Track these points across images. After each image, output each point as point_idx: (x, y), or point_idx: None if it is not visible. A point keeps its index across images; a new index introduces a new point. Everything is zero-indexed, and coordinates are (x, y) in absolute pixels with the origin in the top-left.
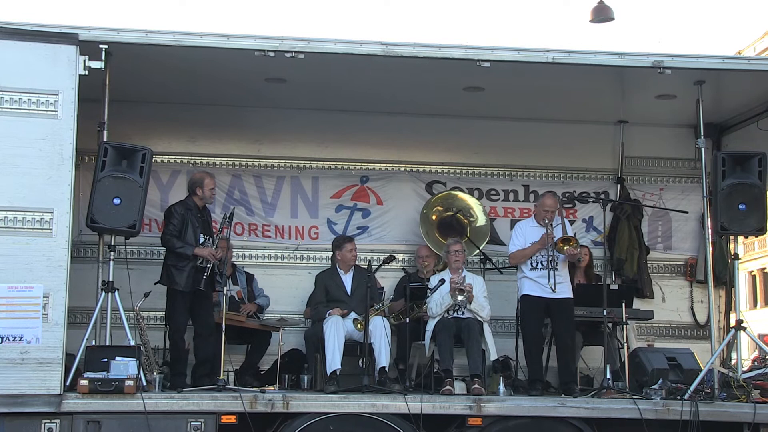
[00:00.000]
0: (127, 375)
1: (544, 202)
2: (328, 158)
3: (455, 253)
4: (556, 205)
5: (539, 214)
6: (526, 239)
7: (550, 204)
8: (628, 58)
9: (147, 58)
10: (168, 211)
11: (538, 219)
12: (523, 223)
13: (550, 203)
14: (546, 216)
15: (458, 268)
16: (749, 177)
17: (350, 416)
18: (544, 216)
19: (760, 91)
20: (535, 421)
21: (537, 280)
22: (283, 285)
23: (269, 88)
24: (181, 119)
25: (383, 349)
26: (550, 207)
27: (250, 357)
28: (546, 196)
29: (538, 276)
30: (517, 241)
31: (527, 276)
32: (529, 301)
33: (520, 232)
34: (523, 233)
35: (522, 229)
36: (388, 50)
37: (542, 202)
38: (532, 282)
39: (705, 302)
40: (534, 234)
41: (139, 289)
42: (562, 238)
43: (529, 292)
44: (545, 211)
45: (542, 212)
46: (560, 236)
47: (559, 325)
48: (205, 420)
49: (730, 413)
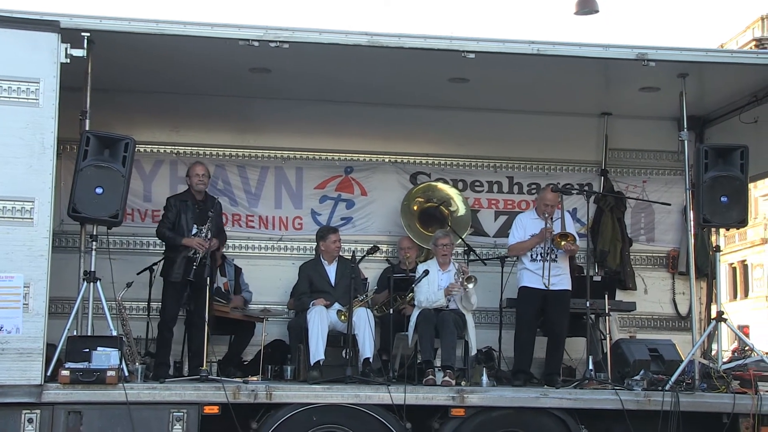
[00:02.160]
0: (109, 365)
1: (545, 196)
2: (312, 149)
3: (443, 247)
4: (556, 200)
5: (539, 208)
6: (526, 231)
7: (550, 198)
8: (613, 51)
9: (130, 46)
10: (165, 202)
11: (539, 212)
12: (523, 215)
13: (550, 197)
14: (546, 210)
15: (446, 262)
16: (731, 170)
17: (334, 407)
18: (543, 210)
19: (743, 84)
20: (518, 412)
21: (536, 272)
22: (266, 276)
23: (254, 77)
24: (165, 108)
25: (367, 340)
26: (550, 201)
27: (233, 347)
28: (546, 190)
29: (538, 268)
30: (517, 233)
31: (527, 268)
32: (527, 293)
33: (520, 224)
34: (523, 225)
35: (522, 222)
36: (373, 40)
37: (543, 196)
38: (531, 274)
39: (687, 294)
40: (533, 226)
41: (122, 279)
42: (560, 233)
43: (528, 283)
44: (545, 205)
45: (542, 206)
46: (558, 231)
47: (553, 316)
48: (187, 411)
49: (710, 404)
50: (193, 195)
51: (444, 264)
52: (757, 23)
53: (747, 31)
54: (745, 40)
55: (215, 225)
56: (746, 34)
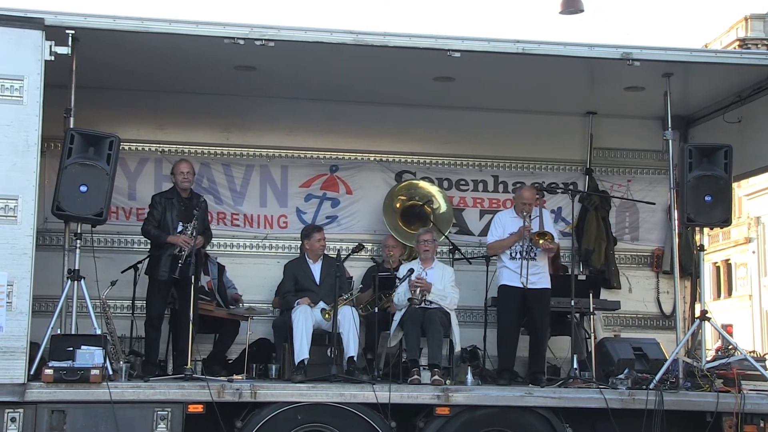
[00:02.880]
0: (93, 364)
1: (522, 194)
2: (297, 147)
3: (424, 243)
4: (534, 198)
5: (517, 206)
6: (505, 230)
7: (528, 197)
8: (598, 50)
9: (115, 44)
10: (151, 200)
11: (517, 210)
12: (502, 214)
13: (528, 195)
14: (524, 208)
15: (428, 258)
16: (715, 169)
17: (318, 406)
18: (522, 208)
19: (727, 83)
20: (503, 411)
21: (515, 270)
22: (251, 274)
23: (239, 76)
24: (150, 107)
25: (352, 339)
26: (528, 200)
27: (218, 346)
28: (524, 189)
29: (517, 266)
30: (495, 232)
31: (506, 266)
32: (507, 292)
33: (499, 222)
34: (502, 224)
35: (501, 220)
36: (359, 39)
37: (520, 194)
38: (510, 272)
39: (671, 293)
40: (512, 225)
41: (106, 277)
42: (538, 232)
43: (507, 282)
44: (523, 203)
45: (520, 204)
46: (536, 230)
47: (534, 315)
48: (171, 409)
49: (694, 402)
50: (179, 192)
51: (426, 260)
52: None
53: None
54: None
55: (201, 223)
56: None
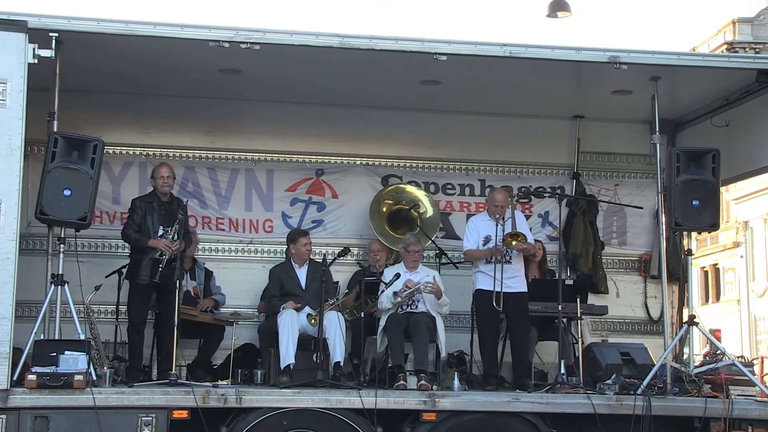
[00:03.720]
0: (77, 369)
1: (494, 197)
2: (283, 151)
3: (414, 253)
4: (506, 200)
5: (490, 209)
6: (480, 234)
7: (500, 199)
8: (585, 53)
9: (99, 47)
10: (131, 204)
11: (490, 213)
12: (476, 218)
13: (500, 198)
14: (496, 211)
15: (414, 267)
16: (703, 173)
17: (304, 411)
18: (494, 211)
19: (714, 87)
20: (490, 416)
21: (490, 274)
22: (236, 279)
23: (224, 79)
24: (134, 110)
25: (338, 344)
26: (500, 202)
27: (202, 351)
28: (496, 191)
29: (491, 270)
30: (471, 237)
31: (481, 270)
32: (483, 296)
33: (474, 227)
34: (477, 228)
35: (475, 225)
36: (345, 42)
37: (492, 197)
38: (486, 276)
39: (658, 298)
40: (486, 228)
41: (90, 282)
42: (510, 233)
43: (483, 286)
44: (495, 206)
45: (492, 207)
46: (507, 232)
47: (513, 319)
48: (156, 415)
49: (682, 407)
50: (159, 197)
51: (412, 268)
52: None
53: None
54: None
55: (183, 227)
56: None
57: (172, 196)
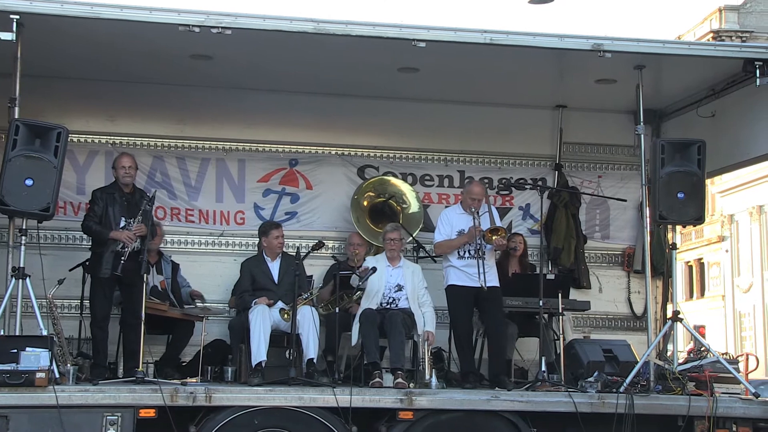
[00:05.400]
0: (39, 367)
1: (472, 189)
2: (255, 140)
3: (391, 242)
4: (483, 193)
5: (465, 202)
6: (453, 227)
7: (478, 192)
8: (568, 41)
9: (63, 30)
10: (91, 195)
11: (465, 206)
12: (449, 211)
13: (478, 191)
14: (473, 204)
15: (395, 257)
16: (688, 165)
17: (276, 410)
18: (470, 204)
19: (700, 76)
20: (468, 415)
21: (464, 269)
22: (207, 272)
23: (194, 65)
24: (100, 96)
25: (311, 340)
26: (478, 195)
27: (171, 348)
28: (473, 184)
29: (465, 265)
30: (443, 230)
31: (453, 265)
32: (456, 292)
33: (446, 220)
34: (450, 221)
35: (448, 217)
36: (320, 28)
37: (470, 189)
38: (458, 271)
39: (642, 293)
40: (460, 222)
41: (53, 275)
42: (491, 228)
43: (456, 282)
44: (472, 199)
45: (469, 200)
46: (489, 227)
47: (489, 315)
48: (122, 414)
49: (666, 406)
50: (120, 187)
51: (393, 259)
52: (714, 15)
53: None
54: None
55: (148, 219)
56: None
57: (135, 187)
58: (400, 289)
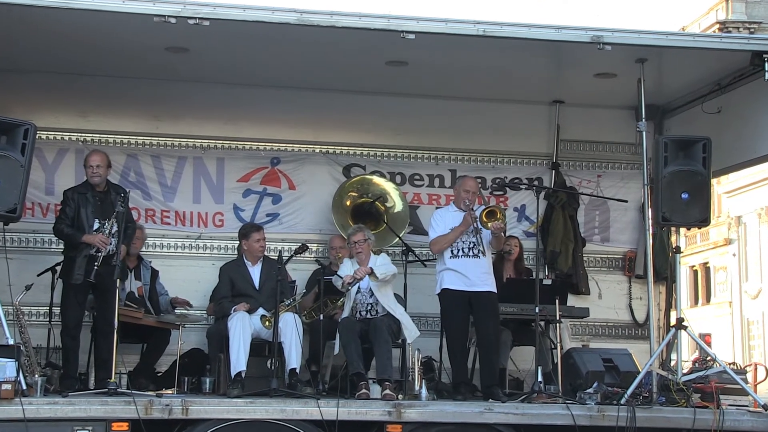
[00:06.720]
0: (5, 378)
1: (466, 182)
2: (235, 137)
3: (355, 245)
4: (477, 188)
5: (459, 198)
6: (446, 225)
7: (472, 185)
8: (566, 33)
9: (31, 22)
10: (63, 196)
11: (458, 203)
12: (442, 210)
13: (472, 184)
14: (467, 197)
15: (363, 261)
16: (693, 164)
17: (257, 423)
18: (464, 198)
19: (705, 70)
20: (460, 428)
21: (458, 271)
22: (183, 277)
23: (170, 58)
24: (71, 91)
25: (294, 349)
26: (472, 188)
27: (145, 357)
28: (467, 178)
29: (460, 265)
30: (438, 228)
31: (448, 267)
32: (450, 296)
33: (440, 219)
34: (443, 220)
35: (442, 216)
36: (303, 19)
37: (464, 182)
38: (453, 273)
39: (644, 299)
40: (455, 219)
41: (20, 281)
42: (486, 210)
43: (450, 285)
44: (466, 191)
45: (462, 193)
46: (482, 208)
47: (482, 321)
48: (93, 428)
49: (669, 419)
50: (93, 186)
51: (363, 262)
52: (720, 5)
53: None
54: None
55: (122, 221)
56: (709, 16)
57: (109, 185)
58: (372, 294)
